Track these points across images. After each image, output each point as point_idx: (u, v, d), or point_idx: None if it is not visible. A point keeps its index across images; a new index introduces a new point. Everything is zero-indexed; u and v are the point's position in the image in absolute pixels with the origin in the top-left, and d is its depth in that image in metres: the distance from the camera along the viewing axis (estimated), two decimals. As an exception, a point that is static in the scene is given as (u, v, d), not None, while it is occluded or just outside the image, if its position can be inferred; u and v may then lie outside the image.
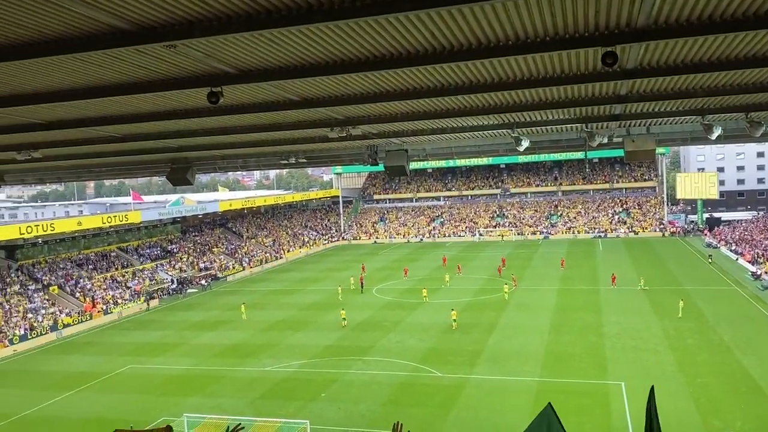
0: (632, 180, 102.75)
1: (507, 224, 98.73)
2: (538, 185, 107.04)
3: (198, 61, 8.66)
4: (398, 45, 8.32)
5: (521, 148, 17.25)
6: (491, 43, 8.46)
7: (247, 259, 79.62)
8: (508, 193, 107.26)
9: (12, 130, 13.59)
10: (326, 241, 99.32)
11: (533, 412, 26.56)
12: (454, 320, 42.17)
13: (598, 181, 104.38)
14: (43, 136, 15.13)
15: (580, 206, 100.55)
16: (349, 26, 7.39)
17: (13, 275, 55.28)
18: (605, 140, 18.25)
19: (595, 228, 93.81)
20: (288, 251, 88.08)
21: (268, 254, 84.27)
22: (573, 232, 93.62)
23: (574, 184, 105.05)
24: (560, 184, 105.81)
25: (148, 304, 55.84)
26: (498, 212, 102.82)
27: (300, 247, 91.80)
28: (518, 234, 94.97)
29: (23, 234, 53.31)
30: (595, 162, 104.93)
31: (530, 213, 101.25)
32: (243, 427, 5.67)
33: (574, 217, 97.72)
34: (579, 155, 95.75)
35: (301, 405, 29.70)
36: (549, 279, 59.27)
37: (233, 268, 75.80)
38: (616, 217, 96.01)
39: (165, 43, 7.23)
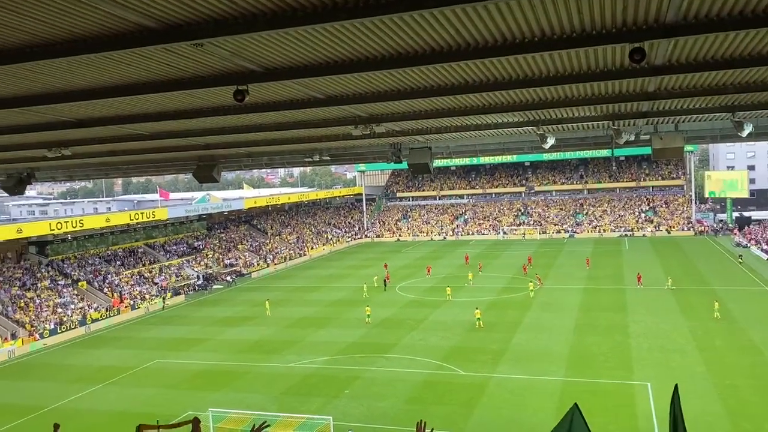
0: (659, 178, 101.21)
1: (531, 223, 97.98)
2: (563, 183, 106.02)
3: (224, 60, 8.73)
4: (422, 42, 8.30)
5: (547, 146, 17.10)
6: (516, 40, 8.39)
7: (271, 256, 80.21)
8: (532, 191, 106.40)
9: (43, 128, 13.86)
10: (349, 239, 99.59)
11: (557, 411, 26.47)
12: (479, 319, 41.96)
13: (625, 179, 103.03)
14: (73, 134, 15.40)
15: (606, 204, 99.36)
16: (374, 23, 7.38)
17: (43, 270, 56.42)
18: (632, 138, 18.00)
19: (621, 227, 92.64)
20: (311, 248, 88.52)
21: (291, 251, 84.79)
22: (599, 231, 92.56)
23: (600, 182, 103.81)
24: (586, 182, 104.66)
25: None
26: (522, 210, 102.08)
27: (323, 245, 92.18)
28: (542, 232, 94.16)
29: (53, 230, 54.39)
30: (621, 160, 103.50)
31: (555, 211, 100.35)
32: (268, 425, 5.71)
33: (600, 216, 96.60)
34: (605, 153, 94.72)
35: (325, 401, 29.84)
36: (574, 278, 58.71)
37: (258, 264, 76.42)
38: (643, 215, 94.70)
39: (192, 42, 7.29)
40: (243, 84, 9.56)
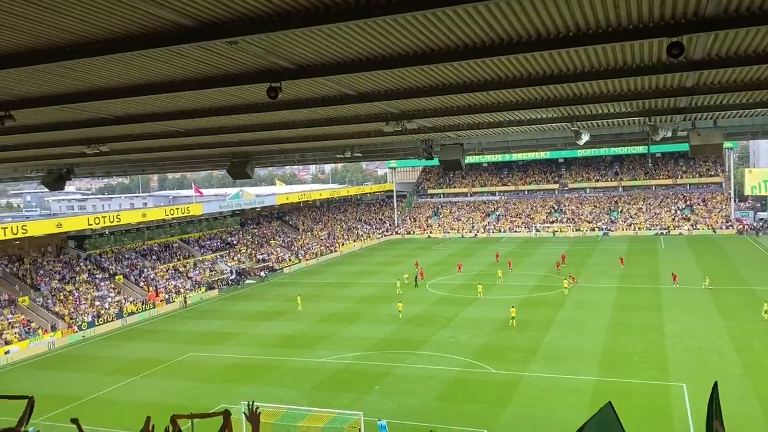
0: (697, 175, 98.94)
1: (565, 220, 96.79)
2: (597, 180, 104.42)
3: (258, 57, 8.82)
4: (455, 38, 8.26)
5: (581, 142, 16.86)
6: (551, 35, 8.29)
7: (302, 252, 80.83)
8: (566, 188, 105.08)
9: (82, 124, 14.19)
10: (380, 235, 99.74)
11: (590, 411, 26.02)
12: (513, 318, 41.51)
13: (661, 177, 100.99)
14: (111, 131, 15.73)
15: (642, 202, 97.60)
16: (406, 20, 7.37)
17: (81, 264, 57.83)
18: (669, 134, 17.63)
19: (656, 225, 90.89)
20: (342, 244, 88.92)
21: (323, 247, 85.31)
22: (634, 229, 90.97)
23: (636, 180, 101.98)
24: (621, 179, 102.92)
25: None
26: (556, 208, 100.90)
27: (354, 241, 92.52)
28: (576, 230, 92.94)
29: (91, 225, 55.69)
30: (657, 156, 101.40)
31: (589, 209, 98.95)
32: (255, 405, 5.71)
33: (635, 214, 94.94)
34: (641, 149, 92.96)
35: (355, 397, 30.00)
36: (608, 276, 57.85)
37: (289, 260, 77.10)
38: (680, 213, 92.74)
39: (226, 40, 7.38)
40: (276, 81, 9.64)
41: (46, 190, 27.52)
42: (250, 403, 5.60)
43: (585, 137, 16.65)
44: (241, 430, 24.51)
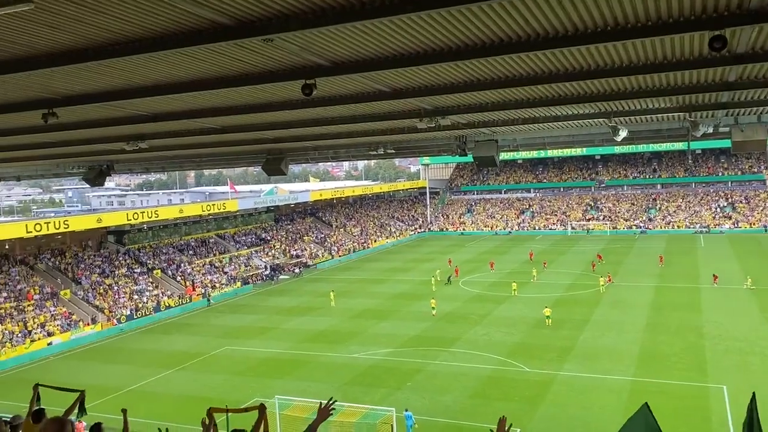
0: (739, 172, 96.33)
1: (601, 217, 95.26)
2: (635, 177, 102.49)
3: (293, 54, 8.88)
4: (490, 33, 8.18)
5: (619, 138, 16.54)
6: (588, 30, 8.15)
7: (335, 248, 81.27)
8: (602, 185, 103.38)
9: (122, 122, 14.49)
10: (412, 232, 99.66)
11: (625, 411, 25.69)
12: (548, 317, 40.96)
13: (701, 173, 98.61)
14: (150, 128, 16.04)
15: (681, 199, 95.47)
16: (441, 15, 7.33)
17: (120, 258, 59.15)
18: (710, 130, 17.19)
19: (696, 223, 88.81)
20: (375, 241, 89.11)
21: (355, 243, 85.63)
22: (672, 227, 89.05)
23: (675, 176, 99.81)
24: (659, 175, 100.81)
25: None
26: (592, 205, 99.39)
27: (386, 237, 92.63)
28: (612, 228, 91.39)
29: (130, 220, 56.96)
30: (698, 153, 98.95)
31: (626, 206, 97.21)
32: (335, 400, 5.78)
33: (674, 211, 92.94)
34: (681, 146, 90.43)
35: (387, 393, 30.07)
36: (645, 275, 56.77)
37: (322, 256, 77.60)
38: (720, 211, 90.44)
39: (262, 37, 7.45)
40: (311, 78, 9.69)
41: (87, 186, 28.19)
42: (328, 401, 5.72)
43: (623, 133, 16.34)
44: (275, 425, 24.80)
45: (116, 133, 16.82)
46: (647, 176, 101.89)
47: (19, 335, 43.01)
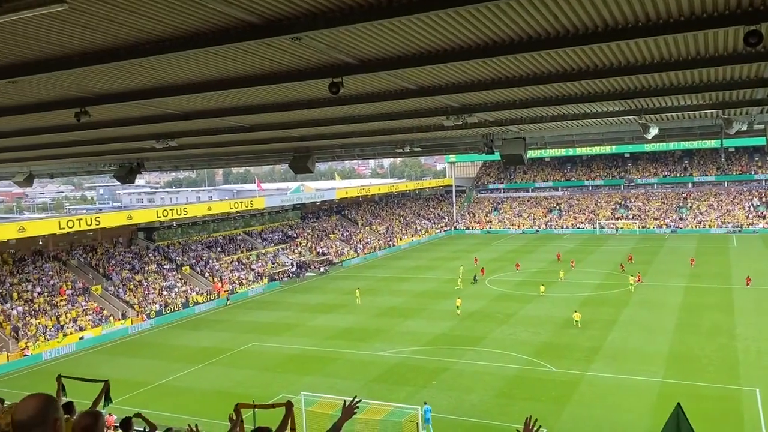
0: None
1: (630, 216, 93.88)
2: (665, 175, 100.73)
3: (320, 53, 8.90)
4: (519, 29, 8.11)
5: (649, 136, 16.26)
6: (619, 26, 8.02)
7: (361, 246, 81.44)
8: (632, 183, 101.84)
9: (152, 120, 14.71)
10: (438, 230, 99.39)
11: (653, 413, 25.35)
12: (577, 321, 40.22)
13: (735, 172, 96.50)
14: (179, 126, 16.24)
15: (713, 198, 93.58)
16: (469, 12, 7.29)
17: (150, 255, 60.08)
18: (744, 127, 16.80)
19: (728, 222, 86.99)
20: (400, 239, 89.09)
21: (381, 241, 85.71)
22: (704, 226, 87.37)
23: (707, 175, 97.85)
24: (691, 174, 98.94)
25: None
26: (621, 203, 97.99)
27: (412, 236, 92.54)
28: (642, 227, 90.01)
29: (160, 217, 57.81)
30: (731, 151, 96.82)
31: (656, 205, 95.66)
32: (359, 400, 5.80)
33: (705, 210, 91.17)
34: (713, 143, 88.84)
35: (413, 391, 30.05)
36: (676, 275, 55.82)
37: (348, 254, 77.83)
38: (754, 210, 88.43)
39: (290, 36, 7.49)
40: (338, 76, 9.71)
41: (118, 183, 28.68)
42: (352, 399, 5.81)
43: (653, 131, 16.06)
44: (301, 421, 24.95)
45: (147, 132, 17.07)
46: (678, 174, 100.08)
47: (53, 329, 43.98)
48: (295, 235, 77.98)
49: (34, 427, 2.96)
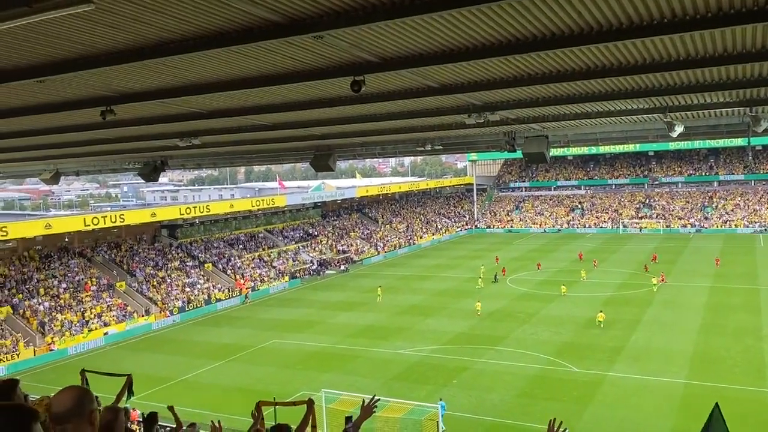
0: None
1: (654, 216, 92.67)
2: (690, 174, 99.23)
3: (342, 51, 8.91)
4: (542, 26, 8.04)
5: (674, 134, 16.01)
6: (644, 22, 7.91)
7: (381, 244, 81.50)
8: (656, 182, 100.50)
9: (176, 118, 14.85)
10: (459, 229, 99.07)
11: (677, 414, 25.04)
12: (600, 321, 39.89)
13: (762, 171, 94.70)
14: (203, 125, 16.37)
15: (739, 198, 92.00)
16: (492, 9, 7.24)
17: (173, 252, 60.75)
18: (773, 125, 16.48)
19: (755, 222, 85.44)
20: (420, 237, 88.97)
21: (401, 240, 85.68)
22: (729, 226, 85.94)
23: (733, 174, 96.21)
24: (716, 173, 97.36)
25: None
26: (645, 202, 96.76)
27: (432, 234, 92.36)
28: (666, 226, 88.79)
29: (183, 215, 58.45)
30: (758, 149, 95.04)
31: (681, 204, 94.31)
32: (378, 399, 5.85)
33: (731, 210, 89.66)
34: (740, 142, 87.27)
35: (433, 389, 30.01)
36: (700, 275, 54.99)
37: (368, 252, 77.93)
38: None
39: (313, 34, 7.51)
40: (360, 75, 9.71)
41: (142, 181, 29.03)
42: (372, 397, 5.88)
43: (678, 129, 15.82)
44: (321, 418, 25.06)
45: (171, 130, 17.24)
46: (703, 173, 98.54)
47: (78, 325, 44.70)
48: (315, 233, 78.29)
49: (71, 419, 3.05)
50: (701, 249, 70.53)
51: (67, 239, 53.67)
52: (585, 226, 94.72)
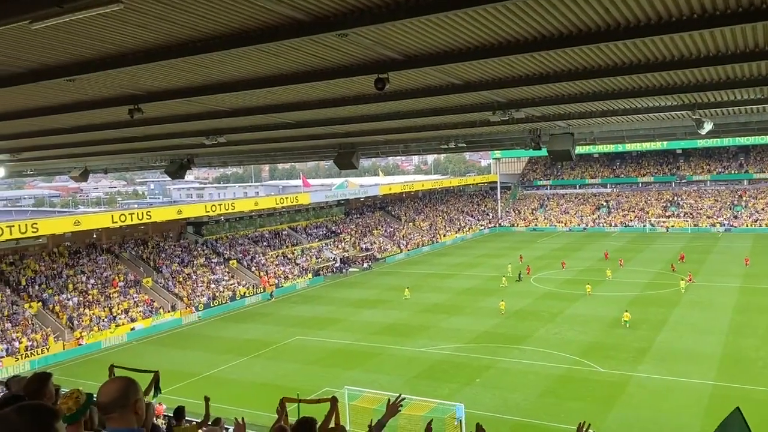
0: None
1: (682, 214, 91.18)
2: (719, 172, 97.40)
3: (366, 49, 8.92)
4: (568, 23, 7.95)
5: (703, 132, 15.73)
6: (673, 18, 7.78)
7: (404, 242, 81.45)
8: (684, 180, 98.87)
9: (202, 117, 15.00)
10: (482, 227, 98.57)
11: (705, 416, 24.64)
12: (626, 321, 39.37)
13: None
14: (228, 123, 16.52)
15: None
16: (518, 6, 7.18)
17: (199, 249, 61.43)
18: (806, 122, 16.12)
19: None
20: (444, 236, 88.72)
21: (424, 238, 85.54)
22: (760, 225, 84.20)
23: (764, 172, 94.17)
24: (746, 170, 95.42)
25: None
26: (672, 201, 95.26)
27: (456, 232, 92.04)
28: (694, 225, 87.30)
29: (208, 212, 59.08)
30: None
31: (709, 202, 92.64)
32: (404, 398, 5.86)
33: (762, 209, 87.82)
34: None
35: (456, 388, 29.94)
36: (729, 275, 53.98)
37: (391, 249, 77.95)
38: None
39: (337, 32, 7.53)
40: (384, 72, 9.71)
41: (168, 178, 29.39)
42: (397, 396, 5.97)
43: (708, 126, 15.53)
44: (344, 415, 25.13)
45: (197, 128, 17.42)
46: (733, 171, 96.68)
47: (105, 320, 45.47)
48: (338, 231, 78.54)
49: (117, 409, 3.19)
50: (730, 248, 69.22)
51: (95, 236, 54.60)
52: (611, 225, 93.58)
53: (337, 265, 68.92)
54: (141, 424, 3.29)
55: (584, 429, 4.78)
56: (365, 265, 70.30)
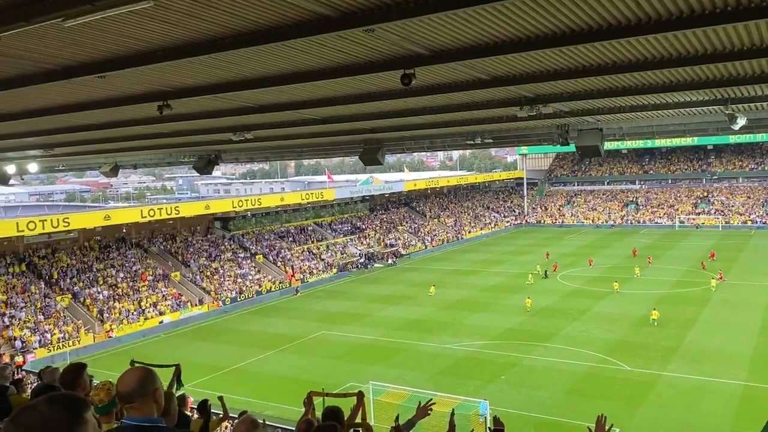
0: None
1: (713, 211, 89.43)
2: (752, 168, 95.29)
3: (393, 44, 8.90)
4: (598, 17, 7.84)
5: (736, 127, 15.39)
6: (706, 11, 7.62)
7: (429, 238, 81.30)
8: (715, 176, 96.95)
9: (229, 113, 15.13)
10: (508, 224, 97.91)
11: (735, 417, 24.21)
12: (655, 320, 38.76)
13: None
14: (255, 119, 16.64)
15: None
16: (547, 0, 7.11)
17: (226, 244, 62.09)
18: (843, 117, 15.67)
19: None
20: (469, 232, 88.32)
21: (449, 234, 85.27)
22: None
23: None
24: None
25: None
26: (702, 198, 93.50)
27: (481, 229, 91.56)
28: (725, 223, 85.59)
29: (235, 207, 59.68)
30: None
31: (741, 199, 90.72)
32: (434, 403, 5.87)
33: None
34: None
35: (480, 385, 29.85)
36: (762, 274, 52.84)
37: (416, 246, 77.87)
38: None
39: (364, 28, 7.53)
40: (410, 68, 9.68)
41: (196, 174, 29.75)
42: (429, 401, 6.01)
43: (741, 121, 15.18)
44: (369, 410, 25.22)
45: (224, 124, 17.58)
46: (766, 168, 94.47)
47: (134, 313, 46.23)
48: (363, 227, 78.69)
49: (136, 398, 3.27)
50: (763, 246, 67.74)
51: (124, 230, 55.50)
52: (639, 222, 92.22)
53: (362, 260, 69.09)
54: (161, 412, 3.36)
55: (603, 422, 4.74)
56: (390, 261, 70.34)
